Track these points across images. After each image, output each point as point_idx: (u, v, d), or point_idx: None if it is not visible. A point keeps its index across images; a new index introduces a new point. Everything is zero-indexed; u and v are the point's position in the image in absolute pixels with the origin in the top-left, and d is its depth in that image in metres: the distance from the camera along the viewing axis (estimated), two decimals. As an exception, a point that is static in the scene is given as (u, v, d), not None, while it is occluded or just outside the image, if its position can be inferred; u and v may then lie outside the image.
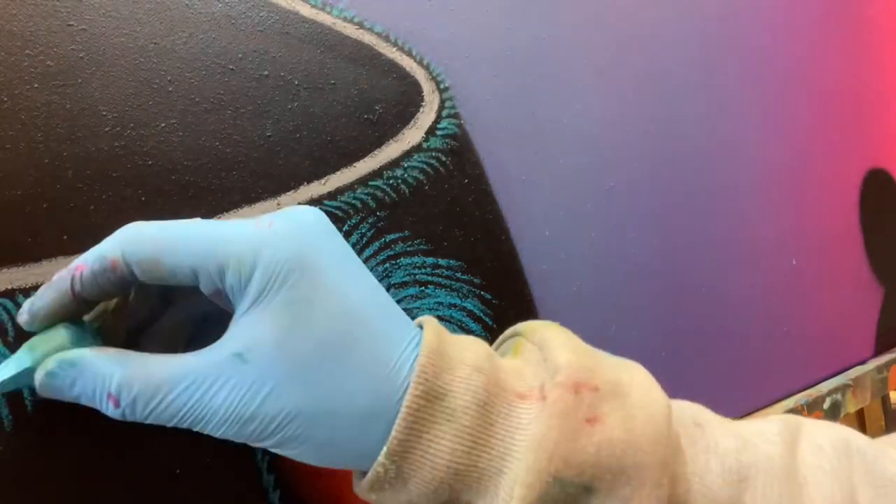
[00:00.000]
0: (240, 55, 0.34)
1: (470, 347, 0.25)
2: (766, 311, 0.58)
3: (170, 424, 0.23)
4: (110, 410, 0.23)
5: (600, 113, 0.48)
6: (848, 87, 0.72)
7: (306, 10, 0.36)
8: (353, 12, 0.38)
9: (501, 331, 0.38)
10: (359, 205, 0.36)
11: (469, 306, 0.39)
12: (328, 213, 0.35)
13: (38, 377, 0.23)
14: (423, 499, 0.23)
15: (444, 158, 0.40)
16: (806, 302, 0.62)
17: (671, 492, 0.24)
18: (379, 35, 0.38)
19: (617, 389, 0.24)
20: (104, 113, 0.30)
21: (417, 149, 0.39)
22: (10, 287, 0.27)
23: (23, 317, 0.25)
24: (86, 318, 0.26)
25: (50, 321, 0.25)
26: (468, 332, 0.39)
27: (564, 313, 0.44)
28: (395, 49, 0.39)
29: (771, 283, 0.59)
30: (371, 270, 0.36)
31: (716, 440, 0.26)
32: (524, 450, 0.22)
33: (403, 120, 0.38)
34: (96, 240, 0.29)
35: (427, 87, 0.40)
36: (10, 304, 0.27)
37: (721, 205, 0.56)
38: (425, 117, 0.39)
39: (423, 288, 0.38)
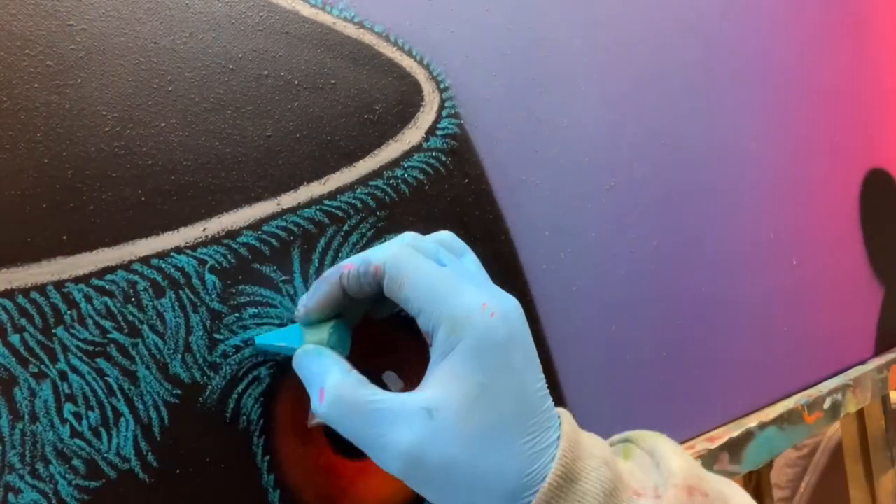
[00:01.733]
0: (240, 55, 0.34)
1: (597, 444, 0.28)
2: (766, 310, 0.58)
3: (350, 438, 0.28)
4: (315, 401, 0.29)
5: (600, 113, 0.48)
6: (848, 87, 0.72)
7: (306, 10, 0.36)
8: (353, 12, 0.38)
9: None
10: (359, 205, 0.36)
11: (469, 306, 0.39)
12: (328, 213, 0.35)
13: (297, 352, 0.31)
14: None
15: (444, 158, 0.40)
16: (806, 302, 0.62)
17: None
18: (379, 35, 0.38)
19: (723, 498, 0.28)
20: (104, 113, 0.30)
21: (417, 149, 0.39)
22: (9, 287, 0.27)
23: (298, 312, 0.32)
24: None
25: (320, 312, 0.31)
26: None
27: (564, 313, 0.44)
28: (395, 49, 0.39)
29: (771, 283, 0.59)
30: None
31: None
32: None
33: (403, 120, 0.38)
34: (96, 240, 0.29)
35: (427, 87, 0.40)
36: (9, 304, 0.27)
37: (721, 205, 0.56)
38: (425, 117, 0.39)
39: (423, 288, 0.38)
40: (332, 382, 0.28)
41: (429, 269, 0.29)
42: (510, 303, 0.29)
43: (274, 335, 0.32)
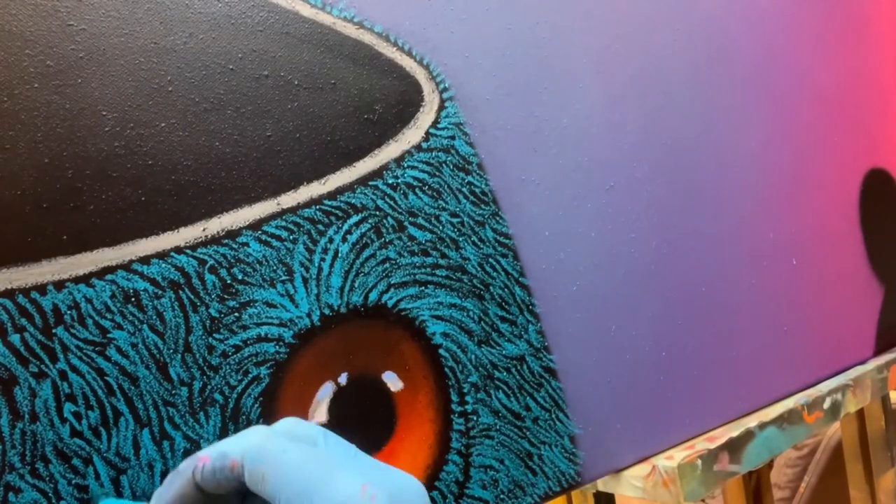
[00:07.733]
0: (240, 55, 0.34)
1: None
2: (766, 310, 0.58)
3: None
4: None
5: (600, 113, 0.48)
6: (848, 87, 0.72)
7: (306, 10, 0.36)
8: (353, 12, 0.38)
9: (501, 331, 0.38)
10: (359, 205, 0.36)
11: (469, 306, 0.39)
12: (328, 213, 0.35)
13: None
14: None
15: (443, 158, 0.40)
16: (806, 302, 0.62)
17: None
18: (379, 35, 0.38)
19: None
20: (104, 113, 0.30)
21: (417, 149, 0.39)
22: (9, 287, 0.27)
23: None
24: None
25: None
26: (468, 332, 0.39)
27: (564, 313, 0.44)
28: (395, 49, 0.39)
29: (771, 283, 0.59)
30: (371, 270, 0.36)
31: None
32: None
33: (403, 120, 0.38)
34: (96, 240, 0.29)
35: (427, 87, 0.40)
36: (9, 304, 0.27)
37: (721, 205, 0.56)
38: (425, 117, 0.39)
39: (422, 288, 0.38)
40: None
41: (294, 455, 0.25)
42: (402, 487, 0.25)
43: None
